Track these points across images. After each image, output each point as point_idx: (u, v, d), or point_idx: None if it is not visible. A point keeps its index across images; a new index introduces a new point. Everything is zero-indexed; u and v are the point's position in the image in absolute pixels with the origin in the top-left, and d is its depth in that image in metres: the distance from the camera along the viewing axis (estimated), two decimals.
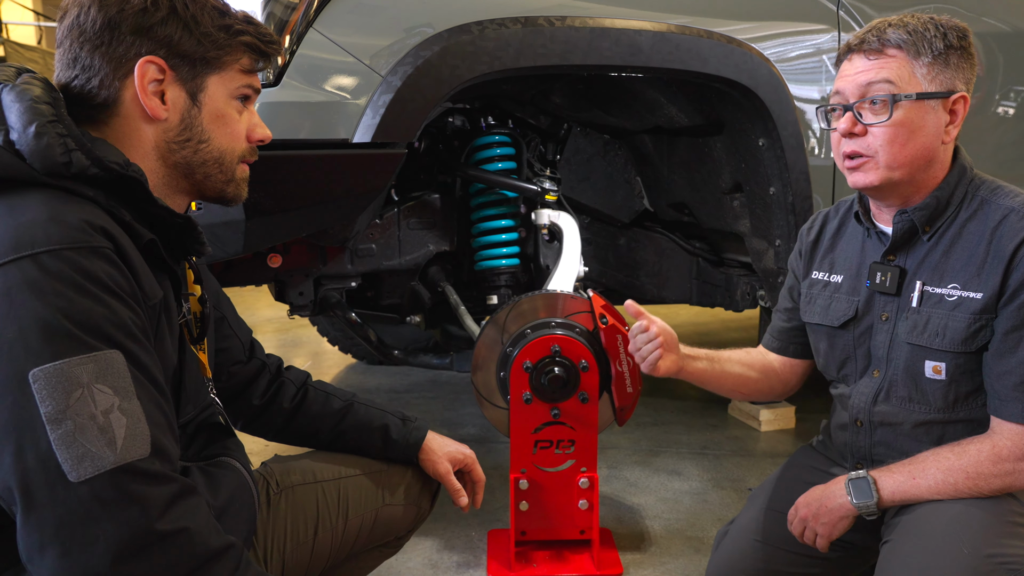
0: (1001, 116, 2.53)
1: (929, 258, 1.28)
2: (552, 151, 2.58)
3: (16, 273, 0.81)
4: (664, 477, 2.53)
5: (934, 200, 1.26)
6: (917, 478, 1.24)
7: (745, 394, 1.60)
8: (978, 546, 1.11)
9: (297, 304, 2.26)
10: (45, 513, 0.79)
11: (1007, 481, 1.19)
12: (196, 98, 1.02)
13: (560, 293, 1.90)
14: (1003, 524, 1.15)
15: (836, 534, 1.31)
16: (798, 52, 2.16)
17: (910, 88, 1.21)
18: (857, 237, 1.41)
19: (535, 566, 1.91)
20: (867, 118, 1.24)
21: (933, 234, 1.28)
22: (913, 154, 1.23)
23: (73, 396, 0.80)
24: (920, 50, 1.21)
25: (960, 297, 1.23)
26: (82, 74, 0.98)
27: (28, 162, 0.88)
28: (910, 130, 1.22)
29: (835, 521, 1.30)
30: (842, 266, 1.42)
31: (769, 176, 2.22)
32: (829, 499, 1.31)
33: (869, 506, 1.26)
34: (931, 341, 1.25)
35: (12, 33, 9.11)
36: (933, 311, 1.26)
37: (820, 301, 1.44)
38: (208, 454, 1.15)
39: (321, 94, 1.75)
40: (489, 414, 1.95)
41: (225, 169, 1.07)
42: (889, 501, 1.26)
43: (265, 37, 1.07)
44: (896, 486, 1.25)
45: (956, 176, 1.27)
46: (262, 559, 1.24)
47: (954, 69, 1.22)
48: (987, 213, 1.24)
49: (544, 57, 1.87)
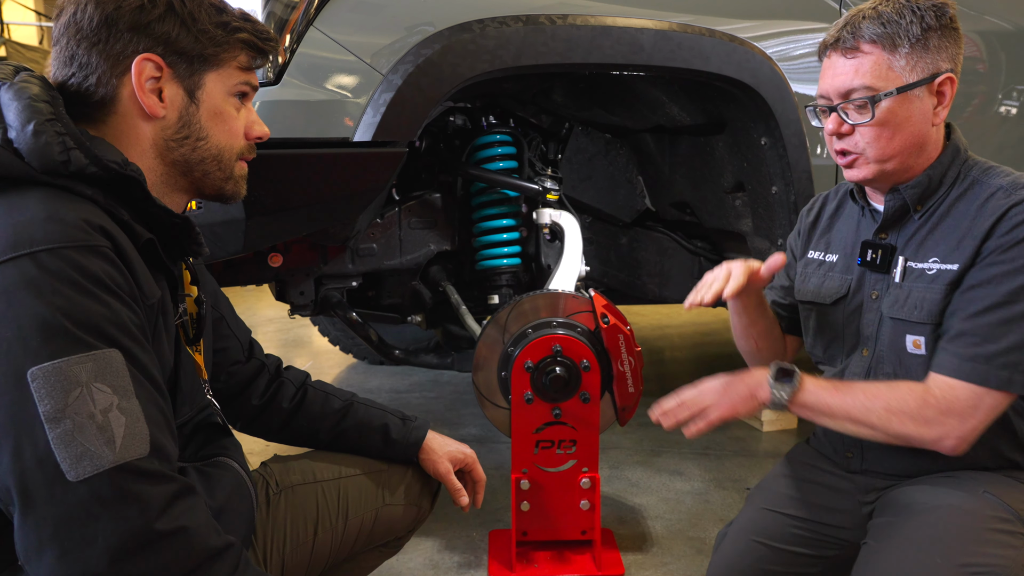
0: (1004, 116, 2.52)
1: (917, 235, 1.28)
2: (553, 150, 2.58)
3: (14, 272, 0.80)
4: (666, 477, 2.53)
5: (926, 178, 1.26)
6: (840, 391, 1.24)
7: (763, 346, 1.55)
8: (952, 555, 1.10)
9: (298, 304, 2.25)
10: (43, 512, 0.79)
11: (920, 430, 1.18)
12: (194, 95, 1.02)
13: (561, 293, 1.89)
14: (983, 531, 1.14)
15: (733, 414, 1.29)
16: (800, 50, 2.15)
17: (890, 84, 1.20)
18: (854, 217, 1.42)
19: (536, 566, 1.91)
20: (852, 117, 1.24)
21: (924, 212, 1.28)
22: (902, 145, 1.23)
23: (72, 395, 0.79)
24: (896, 41, 1.19)
25: (939, 270, 1.23)
26: (79, 72, 0.97)
27: (26, 160, 0.87)
28: (896, 124, 1.22)
29: (743, 399, 1.29)
30: (838, 246, 1.43)
31: (771, 175, 2.21)
32: (749, 376, 1.31)
33: (782, 397, 1.25)
34: (910, 314, 1.25)
35: (13, 33, 9.11)
36: (914, 285, 1.26)
37: (814, 279, 1.45)
38: (205, 454, 1.15)
39: (322, 93, 1.74)
40: (490, 414, 1.95)
41: (223, 166, 1.07)
42: (802, 402, 1.25)
43: (262, 34, 1.07)
44: (816, 389, 1.25)
45: (950, 156, 1.27)
46: (261, 559, 1.23)
47: (935, 50, 1.20)
48: (976, 192, 1.23)
49: (545, 56, 1.87)
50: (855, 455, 1.39)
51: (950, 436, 1.17)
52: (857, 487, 1.39)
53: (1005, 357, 1.15)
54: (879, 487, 1.36)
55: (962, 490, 1.22)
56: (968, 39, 2.39)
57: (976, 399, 1.16)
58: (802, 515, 1.42)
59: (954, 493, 1.22)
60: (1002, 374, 1.15)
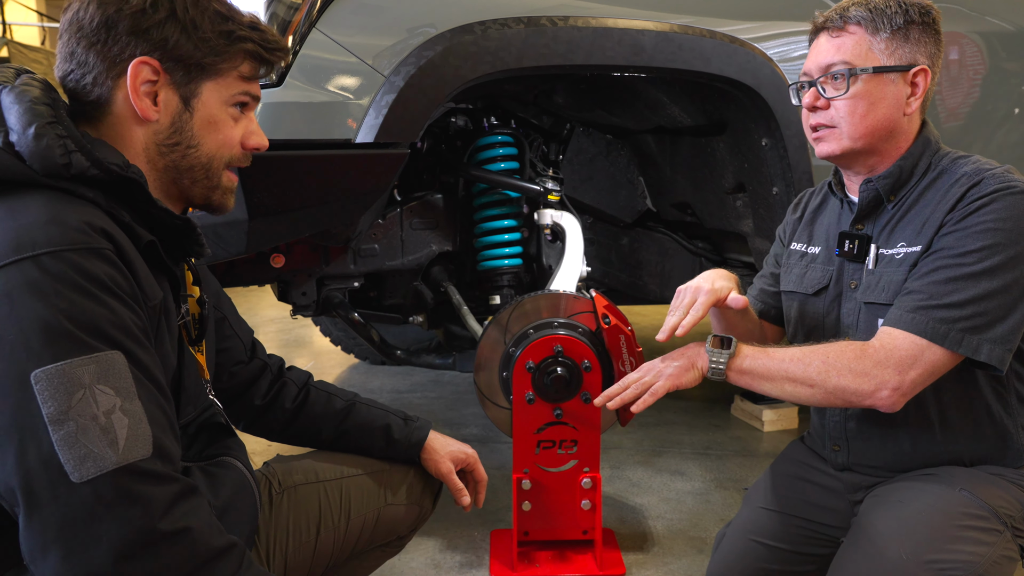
0: (1005, 116, 2.52)
1: (889, 224, 1.31)
2: (555, 151, 2.58)
3: (17, 275, 0.81)
4: (667, 477, 2.53)
5: (897, 169, 1.30)
6: (777, 353, 1.27)
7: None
8: (920, 552, 1.11)
9: (300, 304, 2.26)
10: (47, 514, 0.79)
11: (857, 382, 1.19)
12: (189, 103, 1.01)
13: (563, 293, 1.89)
14: (953, 528, 1.14)
15: (676, 385, 1.33)
16: (801, 51, 2.15)
17: (867, 63, 1.26)
18: (835, 211, 1.44)
19: (538, 566, 1.91)
20: (829, 92, 1.29)
21: (897, 202, 1.31)
22: (873, 124, 1.27)
23: (75, 397, 0.80)
24: (879, 26, 1.25)
25: (905, 253, 1.26)
26: (77, 69, 0.97)
27: (28, 163, 0.88)
28: (869, 102, 1.26)
29: (683, 369, 1.33)
30: (820, 238, 1.46)
31: (772, 176, 2.22)
32: (688, 349, 1.35)
33: (720, 364, 1.29)
34: (879, 297, 1.28)
35: (16, 34, 9.12)
36: (884, 270, 1.29)
37: (796, 270, 1.48)
38: (209, 454, 1.15)
39: (324, 94, 1.75)
40: (492, 414, 1.95)
41: (211, 175, 1.06)
42: (739, 368, 1.28)
43: (270, 44, 1.05)
44: (754, 352, 1.28)
45: (920, 147, 1.30)
46: (264, 559, 1.24)
47: (915, 43, 1.26)
48: (944, 180, 1.26)
49: (547, 57, 1.87)
50: (841, 449, 1.40)
51: (885, 387, 1.18)
52: (846, 485, 1.41)
53: (948, 311, 1.16)
54: (866, 484, 1.37)
55: (938, 487, 1.22)
56: (969, 39, 2.40)
57: (917, 351, 1.17)
58: (796, 513, 1.44)
59: (930, 490, 1.22)
60: (941, 328, 1.16)
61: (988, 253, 1.16)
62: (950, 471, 1.27)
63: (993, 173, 1.21)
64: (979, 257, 1.16)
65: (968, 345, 1.16)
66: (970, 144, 2.38)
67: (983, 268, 1.16)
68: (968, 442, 1.29)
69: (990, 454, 1.29)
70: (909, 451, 1.32)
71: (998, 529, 1.16)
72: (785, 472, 1.51)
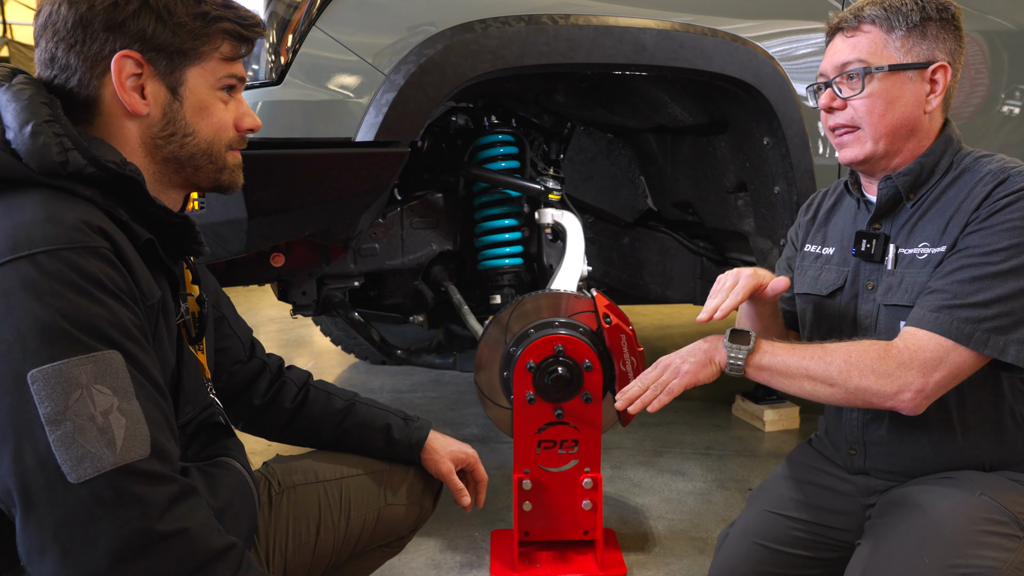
0: (1006, 115, 2.52)
1: (908, 223, 1.29)
2: (556, 150, 2.58)
3: (13, 274, 0.80)
4: (668, 477, 2.52)
5: (918, 166, 1.27)
6: (797, 350, 1.24)
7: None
8: (942, 556, 1.10)
9: (300, 304, 2.25)
10: (45, 514, 0.79)
11: (880, 383, 1.16)
12: (177, 92, 1.00)
13: (563, 292, 1.89)
14: (975, 533, 1.13)
15: (694, 381, 1.30)
16: (803, 50, 2.15)
17: (882, 61, 1.24)
18: (850, 211, 1.42)
19: (538, 567, 1.91)
20: (844, 92, 1.28)
21: (916, 201, 1.29)
22: (893, 124, 1.25)
23: (72, 397, 0.79)
24: (894, 24, 1.24)
25: (929, 254, 1.23)
26: (61, 73, 0.97)
27: (24, 162, 0.87)
28: (887, 100, 1.24)
29: (701, 364, 1.30)
30: (834, 238, 1.44)
31: (773, 175, 2.21)
32: (705, 343, 1.32)
33: (739, 358, 1.26)
34: (902, 299, 1.25)
35: (16, 33, 9.13)
36: (906, 271, 1.26)
37: (811, 272, 1.46)
38: (208, 454, 1.14)
39: (324, 93, 1.74)
40: (492, 414, 1.94)
41: (215, 159, 1.06)
42: (758, 363, 1.26)
43: (246, 20, 1.04)
44: (773, 348, 1.26)
45: (942, 145, 1.28)
46: (264, 559, 1.23)
47: (932, 40, 1.24)
48: (967, 179, 1.24)
49: (547, 55, 1.87)
50: (858, 452, 1.38)
51: (909, 389, 1.16)
52: (859, 489, 1.39)
53: (973, 311, 1.14)
54: (880, 488, 1.35)
55: (959, 491, 1.21)
56: (971, 39, 2.39)
57: (942, 352, 1.15)
58: (803, 517, 1.42)
59: (950, 494, 1.20)
60: (966, 328, 1.14)
61: (1015, 252, 1.14)
62: (968, 475, 1.25)
63: (1019, 171, 1.19)
64: (1005, 256, 1.14)
65: (994, 346, 1.14)
66: (973, 145, 2.37)
67: (1010, 267, 1.14)
68: (989, 446, 1.27)
69: (1010, 459, 1.27)
70: (929, 455, 1.29)
71: (1019, 535, 1.14)
72: (792, 475, 1.50)
